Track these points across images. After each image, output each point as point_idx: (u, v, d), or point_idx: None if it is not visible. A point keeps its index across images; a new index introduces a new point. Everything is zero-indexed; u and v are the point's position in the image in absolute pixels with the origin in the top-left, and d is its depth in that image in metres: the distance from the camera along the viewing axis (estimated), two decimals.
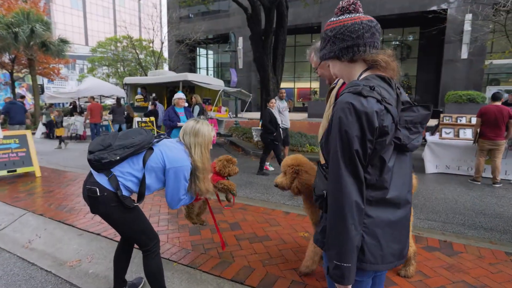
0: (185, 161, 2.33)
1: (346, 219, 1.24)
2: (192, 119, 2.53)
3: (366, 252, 1.31)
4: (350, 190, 1.24)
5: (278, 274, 2.92)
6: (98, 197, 2.18)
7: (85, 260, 3.35)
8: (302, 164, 2.75)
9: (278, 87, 12.60)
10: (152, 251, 2.46)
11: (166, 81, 12.41)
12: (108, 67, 31.27)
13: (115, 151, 2.19)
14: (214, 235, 3.78)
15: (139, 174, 2.27)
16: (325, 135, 1.40)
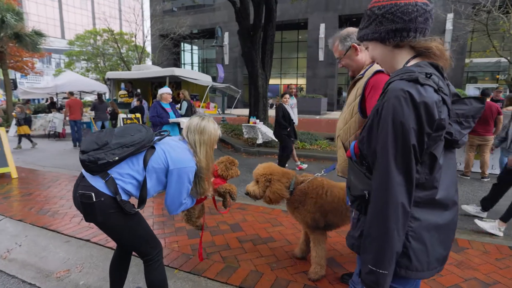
0: (190, 161, 2.12)
1: (388, 222, 1.13)
2: (196, 116, 2.31)
3: (412, 259, 1.20)
4: (397, 190, 1.12)
5: (288, 278, 2.75)
6: (94, 203, 1.93)
7: (74, 270, 3.06)
8: (274, 172, 2.69)
9: (267, 83, 12.46)
10: (155, 260, 2.22)
11: (152, 76, 12.00)
12: (87, 62, 30.14)
13: (113, 151, 1.93)
14: (214, 237, 3.57)
15: (139, 176, 2.04)
16: (367, 128, 1.26)
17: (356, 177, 1.34)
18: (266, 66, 12.12)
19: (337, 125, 2.30)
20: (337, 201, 2.66)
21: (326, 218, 2.70)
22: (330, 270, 2.88)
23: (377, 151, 1.17)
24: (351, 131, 2.13)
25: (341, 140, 2.21)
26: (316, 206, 2.65)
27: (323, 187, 2.70)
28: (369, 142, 1.24)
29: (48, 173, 6.70)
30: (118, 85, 13.57)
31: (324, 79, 25.96)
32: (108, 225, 2.04)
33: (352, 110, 2.12)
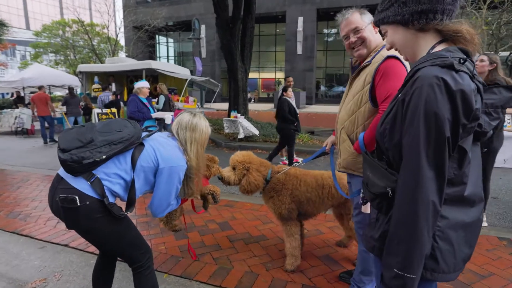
0: (181, 160, 1.97)
1: (418, 222, 1.04)
2: (187, 112, 2.15)
3: (439, 261, 1.11)
4: (428, 187, 1.02)
5: (285, 278, 2.65)
6: (79, 208, 1.72)
7: (52, 279, 2.79)
8: (253, 162, 2.65)
9: (247, 77, 12.29)
10: (146, 267, 2.03)
11: (127, 69, 11.61)
12: (56, 54, 28.71)
13: (99, 149, 1.74)
14: (204, 237, 3.42)
15: (127, 176, 1.85)
16: (389, 120, 1.16)
17: (375, 173, 1.24)
18: (245, 59, 11.94)
19: (339, 117, 2.18)
20: (311, 191, 2.66)
21: (300, 208, 2.70)
22: (327, 268, 2.80)
23: (405, 145, 1.08)
24: (358, 122, 2.02)
25: (346, 133, 2.09)
26: (292, 197, 2.64)
27: (297, 177, 2.69)
28: (392, 134, 1.14)
29: (18, 172, 6.27)
30: (91, 79, 13.02)
31: (303, 72, 26.01)
32: (93, 231, 1.84)
33: (359, 100, 2.00)
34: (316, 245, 3.24)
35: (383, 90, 1.84)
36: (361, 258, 2.22)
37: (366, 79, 1.96)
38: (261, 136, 9.69)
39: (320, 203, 2.70)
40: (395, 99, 1.19)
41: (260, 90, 32.12)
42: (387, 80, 1.83)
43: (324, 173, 2.78)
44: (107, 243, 1.93)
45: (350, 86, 2.13)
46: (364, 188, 1.34)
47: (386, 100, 1.81)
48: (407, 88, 1.09)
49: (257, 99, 31.11)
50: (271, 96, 28.84)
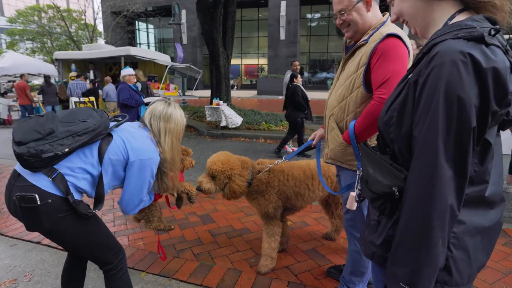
0: (154, 152, 1.80)
1: (432, 230, 0.87)
2: (161, 101, 1.98)
3: (453, 272, 0.95)
4: (446, 189, 0.85)
5: (269, 275, 2.52)
6: (39, 208, 1.53)
7: (22, 279, 2.61)
8: (234, 167, 2.35)
9: (229, 63, 12.02)
10: (119, 269, 1.86)
11: (105, 56, 11.15)
12: (32, 42, 27.62)
13: (61, 141, 1.53)
14: (184, 231, 3.26)
15: (94, 170, 1.66)
16: (398, 105, 0.98)
17: (378, 169, 1.06)
18: (227, 45, 11.65)
19: (328, 103, 1.97)
20: (299, 184, 2.49)
21: (288, 203, 2.53)
22: (314, 263, 2.68)
23: (417, 137, 0.90)
24: (349, 108, 1.81)
25: (335, 121, 1.89)
26: (279, 194, 2.46)
27: (283, 172, 2.49)
28: (400, 124, 0.97)
29: None
30: (68, 66, 12.49)
31: (286, 58, 25.70)
32: (58, 233, 1.65)
33: (352, 84, 1.78)
34: (302, 238, 3.12)
35: (380, 73, 1.63)
36: (351, 259, 2.07)
37: (361, 60, 1.73)
38: (244, 124, 9.50)
39: (309, 196, 2.54)
40: (403, 82, 1.02)
41: (243, 76, 31.72)
42: (385, 61, 1.62)
43: (310, 163, 2.60)
44: (74, 244, 1.76)
45: (343, 69, 1.92)
46: (363, 186, 1.17)
47: (383, 85, 1.61)
48: (421, 66, 0.91)
49: (240, 86, 30.77)
50: (254, 83, 28.52)
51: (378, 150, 1.12)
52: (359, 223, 1.95)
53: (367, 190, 1.11)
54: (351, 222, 2.00)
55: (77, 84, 10.33)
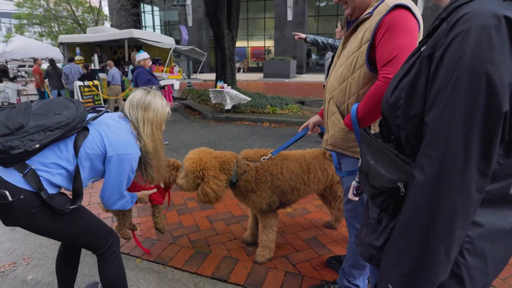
0: (133, 147, 1.72)
1: (435, 234, 0.74)
2: (141, 89, 1.89)
3: (465, 282, 0.81)
4: (461, 186, 0.70)
5: (266, 264, 2.44)
6: (12, 204, 1.47)
7: (21, 263, 2.61)
8: (207, 167, 2.14)
9: (234, 45, 11.77)
10: (111, 253, 1.82)
11: (109, 39, 11.00)
12: (40, 26, 27.60)
13: (31, 136, 1.46)
14: (182, 217, 3.19)
15: (69, 165, 1.59)
16: (408, 85, 0.83)
17: (380, 161, 0.92)
18: (232, 27, 11.37)
19: (328, 85, 1.80)
20: (295, 178, 2.31)
21: (283, 198, 2.36)
22: (314, 252, 2.59)
23: (431, 122, 0.75)
24: (351, 90, 1.64)
25: (336, 104, 1.73)
26: (272, 188, 2.28)
27: (276, 165, 2.30)
28: (409, 106, 0.82)
29: None
30: (73, 50, 12.39)
31: (293, 40, 25.20)
32: (36, 227, 1.59)
33: (354, 63, 1.60)
34: (302, 226, 3.02)
35: (386, 50, 1.45)
36: (351, 251, 1.94)
37: (365, 36, 1.55)
38: (249, 107, 9.35)
39: (305, 190, 2.39)
40: (414, 56, 0.87)
41: (249, 59, 31.28)
42: (392, 36, 1.43)
43: (305, 154, 2.42)
44: (56, 236, 1.71)
45: (344, 46, 1.73)
46: (363, 179, 1.03)
47: (390, 64, 1.43)
48: (438, 36, 0.75)
49: (247, 69, 30.37)
50: (260, 66, 28.11)
51: (380, 138, 0.98)
52: (360, 214, 1.83)
53: (367, 184, 0.97)
54: (352, 213, 1.87)
55: (71, 68, 10.20)
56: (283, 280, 2.25)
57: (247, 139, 6.70)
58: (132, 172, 1.74)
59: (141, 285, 2.28)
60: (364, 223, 1.09)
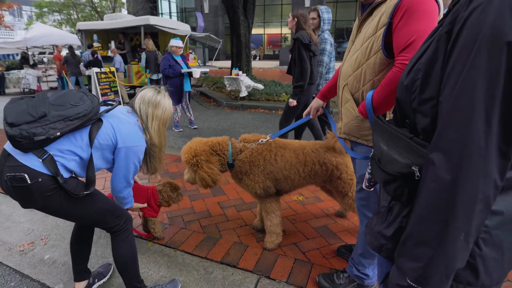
0: (140, 140, 1.86)
1: (454, 222, 0.70)
2: (151, 87, 2.04)
3: (480, 273, 0.77)
4: (479, 171, 0.66)
5: (276, 251, 2.44)
6: (30, 187, 1.55)
7: (39, 243, 2.70)
8: (198, 153, 2.26)
9: (250, 32, 11.67)
10: (124, 230, 1.90)
11: (125, 25, 11.02)
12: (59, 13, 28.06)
13: (53, 124, 1.54)
14: (194, 202, 3.22)
15: (83, 153, 1.68)
16: (424, 65, 0.79)
17: (394, 146, 0.88)
18: (248, 13, 11.25)
19: (341, 71, 1.75)
20: (289, 168, 2.28)
21: (277, 185, 2.34)
22: (324, 241, 2.57)
23: (445, 101, 0.70)
24: (366, 77, 1.57)
25: (350, 91, 1.67)
26: (265, 173, 2.28)
27: (270, 151, 2.29)
28: (425, 86, 0.78)
29: None
30: (91, 37, 12.51)
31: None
32: (52, 209, 1.68)
33: (369, 48, 1.53)
34: (313, 214, 3.00)
35: (403, 35, 1.38)
36: (362, 240, 1.90)
37: (381, 20, 1.47)
38: (264, 95, 9.29)
39: (300, 182, 2.35)
40: (432, 37, 0.82)
41: (265, 46, 30.98)
42: (410, 20, 1.36)
43: (306, 146, 2.37)
44: (71, 217, 1.80)
45: (358, 31, 1.66)
46: (375, 166, 0.98)
47: (407, 49, 1.36)
48: (458, 10, 0.71)
49: (263, 56, 30.12)
50: (277, 53, 27.81)
51: (394, 124, 0.93)
52: (373, 203, 1.79)
53: (380, 171, 0.93)
54: (364, 201, 1.83)
55: (89, 55, 10.40)
56: (292, 267, 2.25)
57: (261, 127, 6.67)
58: (139, 162, 1.88)
59: (152, 267, 2.32)
60: (375, 212, 1.06)
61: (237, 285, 2.11)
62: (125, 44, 12.37)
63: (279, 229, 2.46)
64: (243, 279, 2.16)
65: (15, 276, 2.35)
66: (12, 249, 2.63)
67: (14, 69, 15.35)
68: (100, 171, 3.94)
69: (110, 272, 2.28)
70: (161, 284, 2.10)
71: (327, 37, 4.10)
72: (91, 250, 2.52)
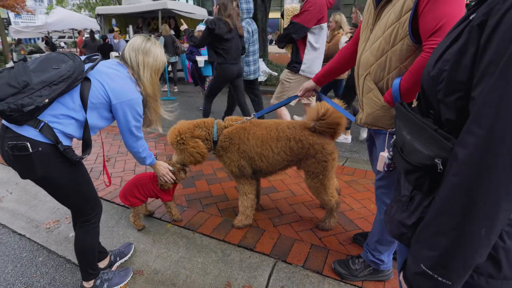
0: (134, 92, 1.79)
1: (475, 216, 0.69)
2: (140, 35, 1.92)
3: (503, 265, 0.77)
4: (508, 167, 0.65)
5: (292, 236, 2.47)
6: (31, 155, 1.54)
7: (64, 221, 2.80)
8: (183, 131, 2.34)
9: (267, 17, 11.48)
10: (92, 222, 1.92)
11: (143, 10, 11.05)
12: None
13: (39, 92, 1.48)
14: (211, 186, 3.27)
15: (78, 115, 1.65)
16: (453, 56, 0.77)
17: (417, 136, 0.87)
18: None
19: (361, 60, 1.70)
20: (261, 144, 2.30)
21: (253, 164, 2.37)
22: (340, 227, 2.58)
23: (478, 98, 0.69)
24: (391, 64, 1.52)
25: (373, 80, 1.63)
26: (239, 152, 2.33)
27: (245, 130, 2.33)
28: (453, 78, 0.77)
29: None
30: (109, 21, 12.58)
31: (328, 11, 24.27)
32: (49, 179, 1.67)
33: (394, 35, 1.48)
34: None
35: (431, 18, 1.32)
36: (380, 227, 1.89)
37: (405, 4, 1.41)
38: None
39: (275, 159, 2.32)
40: (462, 24, 0.80)
41: (281, 31, 30.50)
42: (438, 3, 1.31)
43: (281, 123, 2.35)
44: (63, 191, 1.77)
45: (377, 18, 1.60)
46: (397, 154, 0.98)
47: (437, 33, 1.31)
48: (493, 1, 0.69)
49: None
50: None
51: (418, 113, 0.92)
52: (391, 192, 1.77)
53: (402, 160, 0.93)
54: (385, 189, 1.81)
55: (111, 39, 10.53)
56: (308, 253, 2.28)
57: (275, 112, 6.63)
58: (138, 114, 1.83)
59: (171, 248, 2.38)
60: (394, 200, 1.05)
61: (254, 268, 2.16)
62: (143, 29, 12.40)
63: (250, 212, 2.52)
64: (260, 262, 2.20)
65: (43, 252, 2.46)
66: (39, 226, 2.74)
67: (36, 53, 15.63)
68: (120, 153, 4.04)
69: (131, 252, 2.35)
70: (114, 271, 2.15)
71: (244, 25, 4.57)
72: (113, 230, 2.63)
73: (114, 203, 2.98)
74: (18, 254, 2.44)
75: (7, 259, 2.40)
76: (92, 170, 3.60)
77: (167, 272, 2.18)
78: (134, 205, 2.49)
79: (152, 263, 2.26)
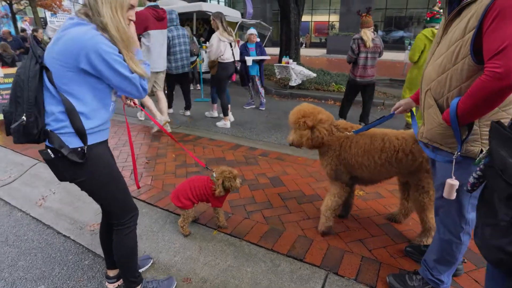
0: (88, 31, 1.45)
1: None
2: None
3: None
4: None
5: (342, 247, 2.42)
6: (54, 161, 1.60)
7: None
8: (306, 114, 2.37)
9: (300, 20, 11.45)
10: (127, 226, 1.89)
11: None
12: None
13: (18, 113, 1.48)
14: (254, 192, 3.26)
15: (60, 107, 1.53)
16: None
17: None
18: (299, 0, 11.00)
19: (424, 75, 1.67)
20: (362, 154, 2.26)
21: (353, 172, 2.38)
22: (389, 239, 2.51)
23: None
24: (452, 83, 1.49)
25: (433, 96, 1.59)
26: (340, 159, 2.34)
27: (347, 138, 2.33)
28: None
29: None
30: None
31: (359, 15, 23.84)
32: (80, 182, 1.70)
33: (456, 53, 1.44)
34: (376, 211, 2.92)
35: (495, 39, 1.25)
36: (439, 247, 1.82)
37: (470, 23, 1.36)
38: (313, 84, 9.13)
39: (377, 169, 2.26)
40: None
41: (312, 34, 30.28)
42: (504, 23, 1.23)
43: (388, 133, 2.26)
44: (96, 190, 1.77)
45: (445, 32, 1.55)
46: (495, 176, 0.92)
47: (499, 56, 1.23)
48: None
49: (309, 44, 29.53)
50: (323, 41, 27.11)
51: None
52: (454, 212, 1.70)
53: (503, 183, 0.88)
54: (445, 210, 1.74)
55: None
56: (359, 265, 2.22)
57: None
58: (114, 54, 1.49)
59: (218, 255, 2.38)
60: (486, 224, 1.00)
61: (306, 280, 2.13)
62: None
63: (329, 213, 2.48)
64: (311, 274, 2.17)
65: (88, 255, 2.51)
66: (83, 228, 2.80)
67: None
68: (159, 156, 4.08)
69: (147, 266, 2.32)
70: (158, 279, 2.12)
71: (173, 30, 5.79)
72: (158, 235, 2.65)
73: (158, 207, 3.01)
74: (64, 256, 2.50)
75: (53, 261, 2.46)
76: None
77: (216, 281, 2.18)
78: (185, 207, 2.50)
79: (199, 271, 2.26)
